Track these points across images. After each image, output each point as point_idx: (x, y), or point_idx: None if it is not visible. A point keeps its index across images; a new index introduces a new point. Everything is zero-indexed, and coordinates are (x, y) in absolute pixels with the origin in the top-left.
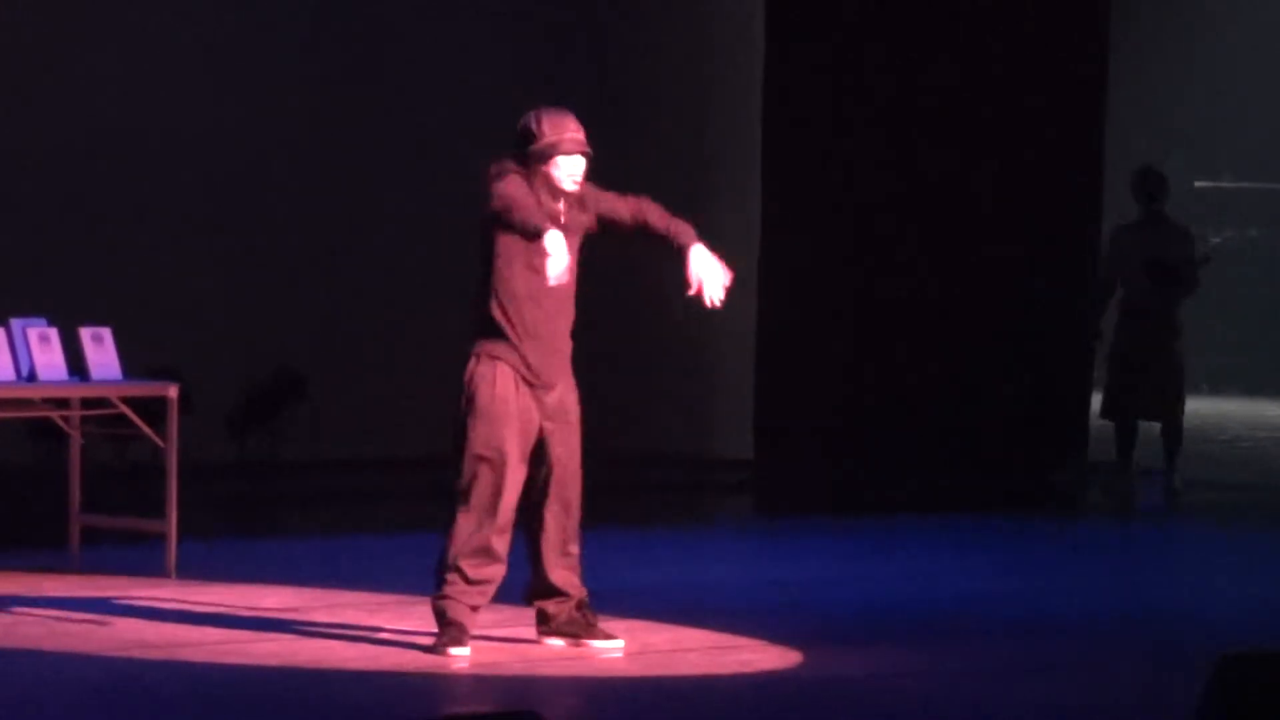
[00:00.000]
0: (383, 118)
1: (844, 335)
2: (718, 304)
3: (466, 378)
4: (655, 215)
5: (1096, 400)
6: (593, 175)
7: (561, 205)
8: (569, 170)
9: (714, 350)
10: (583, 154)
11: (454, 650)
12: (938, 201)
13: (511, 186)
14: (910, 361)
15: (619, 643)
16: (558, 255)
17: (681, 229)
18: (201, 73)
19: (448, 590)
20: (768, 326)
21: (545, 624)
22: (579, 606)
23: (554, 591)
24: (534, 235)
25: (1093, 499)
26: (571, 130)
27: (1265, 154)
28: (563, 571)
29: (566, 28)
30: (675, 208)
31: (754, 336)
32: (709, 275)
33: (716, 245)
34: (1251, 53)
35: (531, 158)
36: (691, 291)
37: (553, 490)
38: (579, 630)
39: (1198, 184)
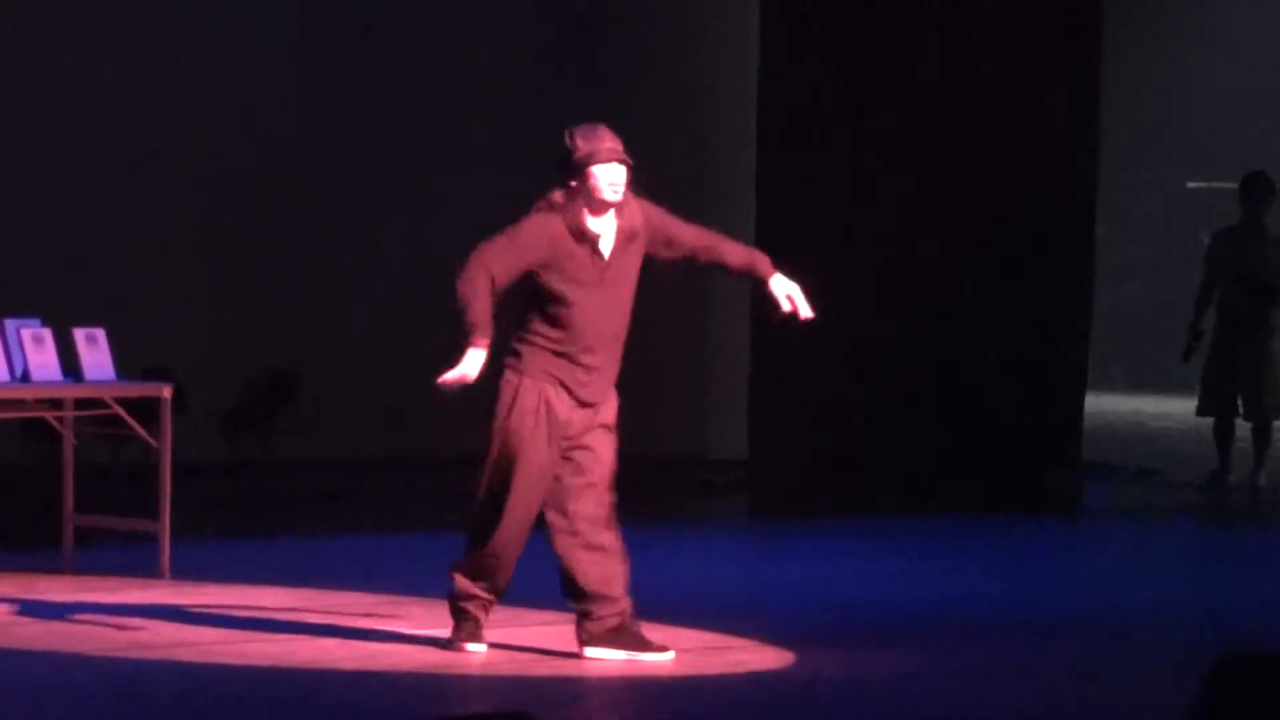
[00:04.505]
0: (378, 118)
1: (838, 337)
2: (810, 315)
3: (501, 389)
4: (731, 251)
5: (1092, 399)
6: None
7: (611, 227)
8: (609, 179)
9: (709, 350)
10: (620, 162)
11: (471, 646)
12: (933, 203)
13: (480, 271)
14: (905, 361)
15: (669, 654)
16: (462, 368)
17: (761, 261)
18: (197, 73)
19: (462, 589)
20: (762, 326)
21: (589, 632)
22: (627, 617)
23: (590, 595)
24: (463, 337)
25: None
26: (607, 140)
27: (1261, 154)
28: (598, 570)
29: (563, 37)
30: (673, 209)
31: (748, 337)
32: (796, 294)
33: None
34: (1247, 53)
35: (570, 173)
36: (785, 309)
37: (582, 499)
38: (630, 643)
39: (1190, 185)
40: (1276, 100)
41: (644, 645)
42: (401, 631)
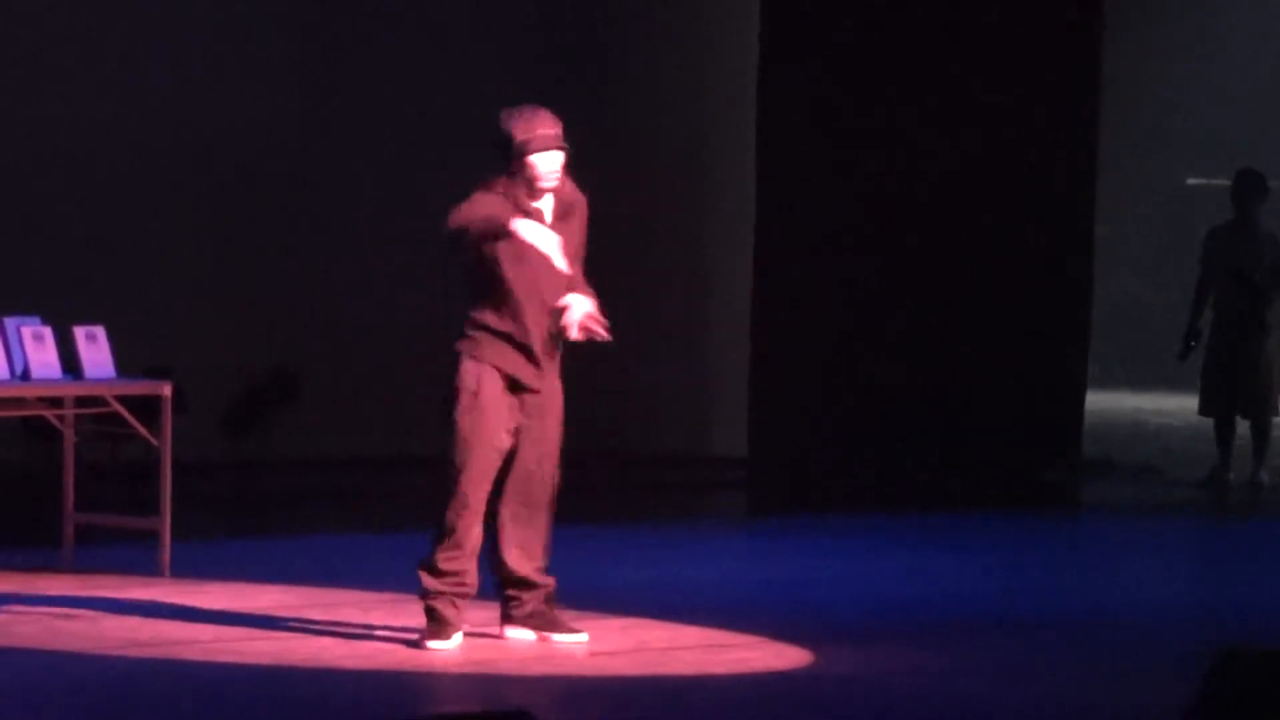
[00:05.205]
0: (377, 117)
1: (838, 334)
2: (606, 337)
3: (452, 377)
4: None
5: (1093, 397)
6: (593, 190)
7: (549, 204)
8: (545, 167)
9: (709, 348)
10: (558, 149)
11: (432, 644)
12: (931, 203)
13: (469, 204)
14: (905, 360)
15: (583, 636)
16: (540, 237)
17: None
18: (196, 71)
19: (428, 586)
20: (762, 325)
21: (510, 614)
22: (546, 600)
23: (519, 582)
24: (503, 233)
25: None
26: (544, 126)
27: (1259, 152)
28: (526, 564)
29: (563, 37)
30: (673, 210)
31: (749, 335)
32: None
33: (714, 247)
34: (1246, 51)
35: (508, 159)
36: (574, 334)
37: (518, 488)
38: (543, 624)
39: (1190, 181)
40: (1276, 100)
41: (559, 627)
42: (401, 631)
